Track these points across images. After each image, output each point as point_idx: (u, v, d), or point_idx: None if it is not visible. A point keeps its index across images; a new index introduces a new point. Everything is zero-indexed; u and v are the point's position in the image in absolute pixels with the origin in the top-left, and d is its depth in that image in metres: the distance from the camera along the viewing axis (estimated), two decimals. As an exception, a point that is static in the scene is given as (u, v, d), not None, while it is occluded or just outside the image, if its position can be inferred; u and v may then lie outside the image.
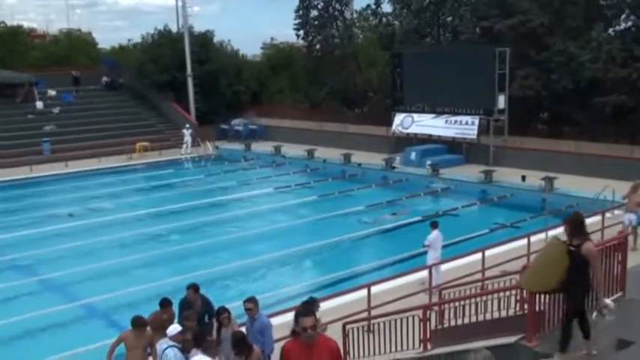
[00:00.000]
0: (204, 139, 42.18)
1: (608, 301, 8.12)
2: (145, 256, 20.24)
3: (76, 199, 28.95)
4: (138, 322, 9.83)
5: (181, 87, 44.68)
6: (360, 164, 33.72)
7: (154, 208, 26.72)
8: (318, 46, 47.90)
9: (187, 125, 41.45)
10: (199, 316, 10.35)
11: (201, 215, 25.38)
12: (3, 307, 16.17)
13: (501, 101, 31.85)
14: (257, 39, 58.03)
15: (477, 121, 32.45)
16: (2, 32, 52.76)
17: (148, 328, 9.91)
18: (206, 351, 8.81)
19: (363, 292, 13.31)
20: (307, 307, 6.15)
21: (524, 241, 16.50)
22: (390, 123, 36.48)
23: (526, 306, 9.09)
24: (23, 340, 14.40)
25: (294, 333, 6.39)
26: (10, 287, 17.48)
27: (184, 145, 40.29)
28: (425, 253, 16.27)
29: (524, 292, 9.17)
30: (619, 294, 9.79)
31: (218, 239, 21.94)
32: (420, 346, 10.58)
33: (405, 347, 10.75)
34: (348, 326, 11.28)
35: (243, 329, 9.95)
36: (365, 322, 12.13)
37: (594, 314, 8.20)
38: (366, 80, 45.58)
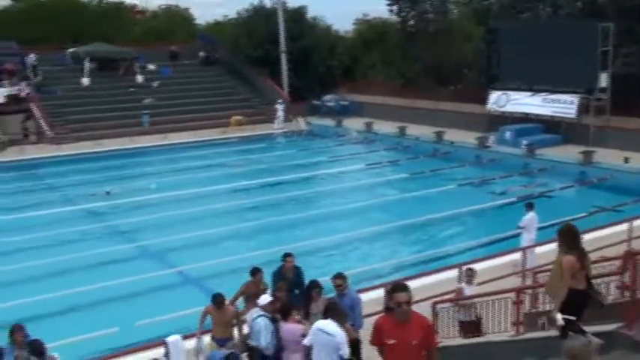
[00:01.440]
0: (297, 115, 42.54)
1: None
2: (236, 228, 20.71)
3: (172, 170, 29.88)
4: (216, 301, 10.00)
5: (275, 62, 45.07)
6: (452, 142, 33.16)
7: (247, 181, 27.20)
8: (411, 22, 47.17)
9: (280, 100, 41.89)
10: (290, 287, 10.49)
11: (292, 190, 25.68)
12: (104, 270, 16.91)
13: (603, 79, 30.41)
14: (349, 14, 57.78)
15: (576, 100, 31.13)
16: (106, 8, 54.77)
17: (232, 307, 10.18)
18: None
19: (454, 272, 13.14)
20: (401, 283, 6.08)
21: (625, 226, 15.80)
22: (484, 100, 35.58)
23: (627, 293, 8.71)
24: (119, 303, 14.95)
25: (387, 309, 6.36)
26: (110, 252, 18.29)
27: (277, 120, 40.78)
28: (519, 234, 15.86)
29: (627, 278, 8.82)
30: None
31: (308, 214, 22.13)
32: (512, 329, 10.34)
33: (496, 329, 10.54)
34: (438, 306, 11.16)
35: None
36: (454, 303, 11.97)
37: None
38: (460, 56, 44.55)
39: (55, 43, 45.20)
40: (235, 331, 10.14)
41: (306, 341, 8.17)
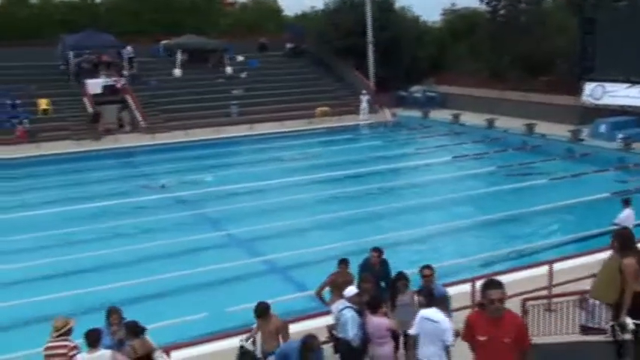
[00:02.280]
0: (383, 106, 42.35)
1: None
2: (322, 218, 20.83)
3: (259, 160, 30.37)
4: (256, 311, 9.25)
5: (361, 53, 44.97)
6: (543, 135, 32.20)
7: (332, 172, 27.30)
8: (502, 12, 46.01)
9: (364, 91, 41.80)
10: (377, 279, 10.47)
11: (378, 181, 25.62)
12: (193, 257, 17.37)
13: None
14: (437, 5, 56.80)
15: (679, 92, 29.64)
16: (198, 1, 56.07)
17: (277, 319, 9.37)
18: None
19: (544, 269, 12.77)
20: (495, 280, 5.97)
21: None
22: (577, 92, 34.35)
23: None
24: (207, 289, 15.27)
25: (480, 305, 6.26)
26: (199, 239, 18.76)
27: (362, 111, 40.73)
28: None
29: None
30: None
31: (393, 206, 21.99)
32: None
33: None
34: (527, 303, 10.88)
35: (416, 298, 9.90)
36: (545, 300, 11.66)
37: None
38: (552, 47, 43.12)
39: (149, 35, 46.72)
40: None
41: (412, 331, 8.21)
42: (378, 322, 8.85)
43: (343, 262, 10.79)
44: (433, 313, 8.10)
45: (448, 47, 50.06)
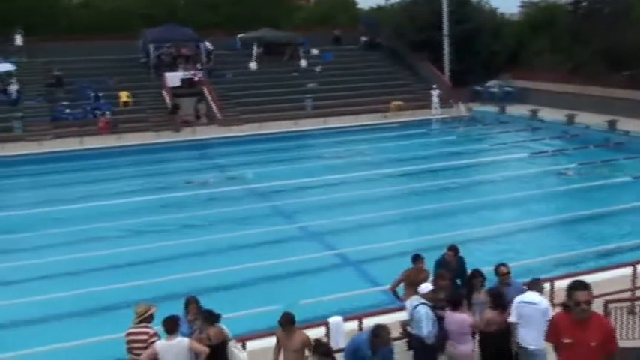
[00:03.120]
0: (458, 100, 41.73)
1: None
2: (395, 213, 20.72)
3: (333, 154, 30.45)
4: (281, 321, 8.61)
5: (437, 47, 44.42)
6: (627, 132, 31.01)
7: (405, 167, 27.11)
8: (584, 4, 44.49)
9: (434, 86, 41.28)
10: (453, 276, 10.35)
11: (452, 177, 25.30)
12: (268, 248, 17.57)
13: None
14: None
15: None
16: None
17: (303, 332, 8.72)
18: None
19: (628, 270, 12.34)
20: (582, 281, 5.81)
21: None
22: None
23: None
24: (281, 281, 15.40)
25: (564, 306, 6.10)
26: (274, 231, 18.95)
27: (434, 106, 40.29)
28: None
29: None
30: None
31: (468, 202, 21.62)
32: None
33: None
34: (610, 305, 10.53)
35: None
36: (628, 303, 11.25)
37: None
38: (637, 40, 41.39)
39: (226, 29, 47.50)
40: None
41: (512, 318, 8.30)
42: (460, 318, 8.74)
43: (418, 259, 10.70)
44: (530, 295, 8.20)
45: (526, 41, 48.76)
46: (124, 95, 38.50)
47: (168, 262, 16.54)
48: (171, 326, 8.33)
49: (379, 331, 7.99)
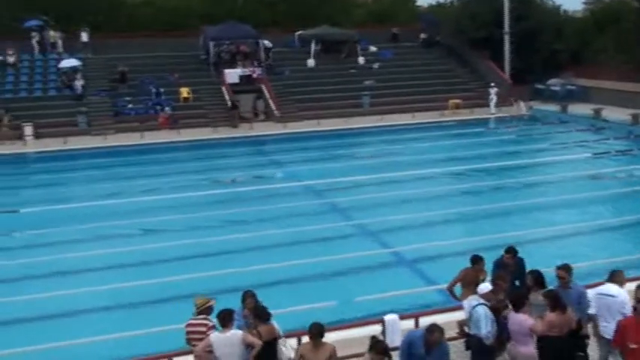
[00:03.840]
0: (518, 99, 41.00)
1: None
2: (451, 212, 20.49)
3: (390, 151, 30.34)
4: (314, 331, 8.21)
5: (497, 44, 43.73)
6: (696, 133, 30.00)
7: (463, 166, 26.85)
8: (653, 0, 43.11)
9: (492, 84, 40.65)
10: (512, 278, 10.21)
11: (511, 176, 24.96)
12: (323, 245, 17.66)
13: None
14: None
15: None
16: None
17: (330, 345, 8.32)
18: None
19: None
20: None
21: None
22: None
23: None
24: (336, 278, 15.36)
25: (635, 309, 5.96)
26: (328, 228, 18.99)
27: (491, 104, 39.70)
28: None
29: None
30: None
31: (526, 202, 21.28)
32: None
33: None
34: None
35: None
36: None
37: None
38: None
39: (284, 26, 47.82)
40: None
41: (591, 310, 8.29)
42: (522, 319, 8.61)
43: (478, 259, 10.56)
44: (609, 287, 8.10)
45: (590, 38, 47.49)
46: (184, 91, 39.19)
47: (225, 256, 16.76)
48: (226, 319, 8.42)
49: (433, 329, 7.94)
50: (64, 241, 18.48)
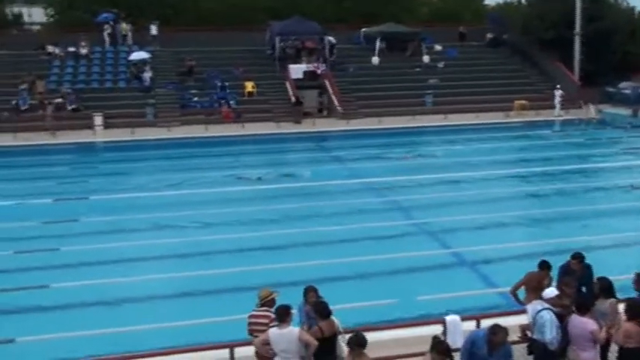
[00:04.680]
0: (587, 102, 39.94)
1: None
2: (514, 215, 20.19)
3: (453, 151, 30.06)
4: (359, 341, 7.92)
5: (567, 45, 42.67)
6: None
7: (526, 168, 26.53)
8: None
9: (558, 86, 39.71)
10: (577, 285, 9.98)
11: (576, 180, 24.45)
12: (384, 243, 17.60)
13: None
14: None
15: None
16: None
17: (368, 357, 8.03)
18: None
19: None
20: None
21: None
22: None
23: None
24: (397, 276, 15.27)
25: None
26: (390, 226, 18.94)
27: (557, 106, 38.83)
28: None
29: None
30: None
31: (591, 207, 20.81)
32: None
33: None
34: None
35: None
36: None
37: None
38: None
39: (349, 23, 47.81)
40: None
41: None
42: (585, 323, 8.43)
43: (545, 264, 10.33)
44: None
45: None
46: (249, 86, 39.63)
47: (286, 251, 16.94)
48: (283, 315, 8.44)
49: (496, 330, 7.87)
50: (130, 230, 18.95)
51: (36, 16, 60.15)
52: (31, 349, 11.63)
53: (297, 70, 40.88)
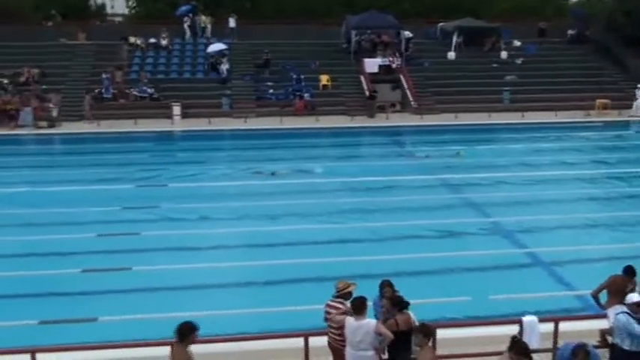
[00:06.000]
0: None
1: None
2: (592, 217, 19.60)
3: (532, 150, 29.44)
4: (419, 330, 8.12)
5: (654, 43, 41.14)
6: None
7: (607, 169, 25.89)
8: None
9: (639, 85, 38.24)
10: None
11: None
12: (457, 240, 17.50)
13: None
14: None
15: None
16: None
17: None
18: None
19: None
20: None
21: None
22: None
23: None
24: (470, 274, 15.12)
25: None
26: (463, 223, 18.66)
27: (634, 106, 37.46)
28: None
29: None
30: None
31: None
32: None
33: None
34: None
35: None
36: None
37: None
38: None
39: (426, 17, 47.38)
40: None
41: None
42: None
43: (630, 270, 10.06)
44: None
45: None
46: (324, 79, 39.86)
47: (361, 244, 17.02)
48: (360, 307, 8.57)
49: (577, 352, 7.78)
50: (211, 218, 19.47)
51: (118, 7, 62.24)
52: (112, 328, 12.08)
53: (372, 64, 40.85)
